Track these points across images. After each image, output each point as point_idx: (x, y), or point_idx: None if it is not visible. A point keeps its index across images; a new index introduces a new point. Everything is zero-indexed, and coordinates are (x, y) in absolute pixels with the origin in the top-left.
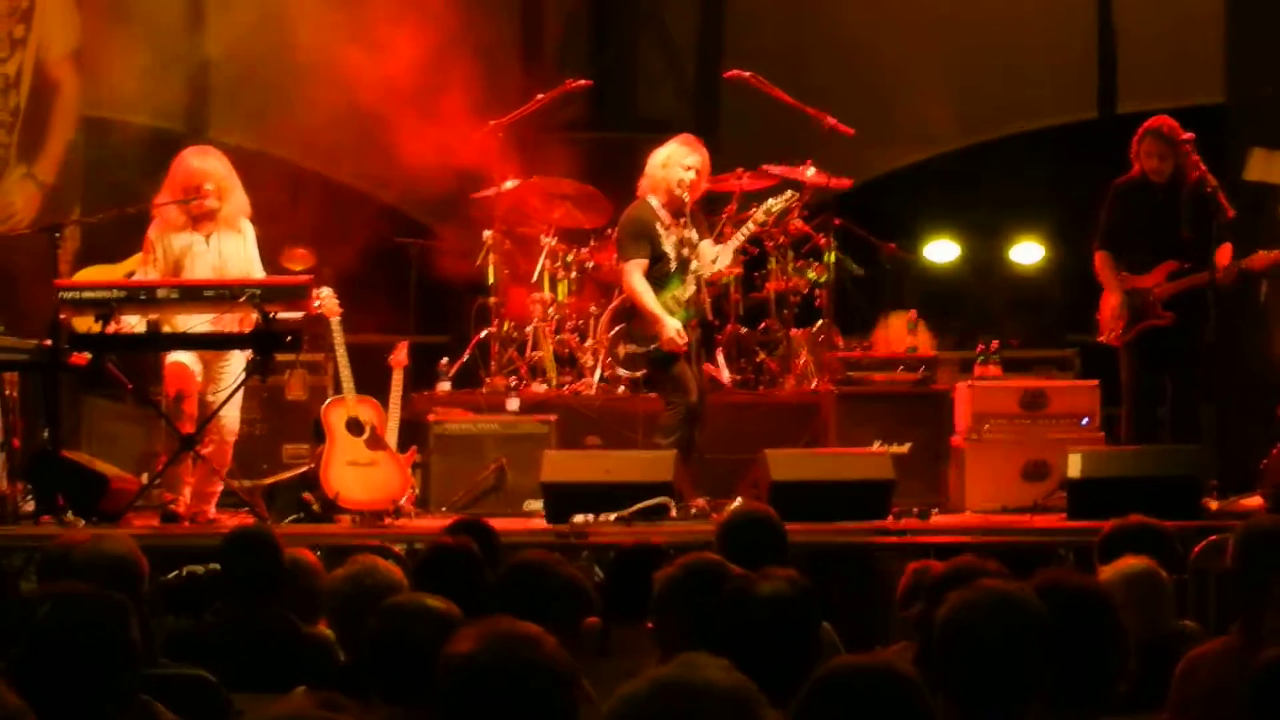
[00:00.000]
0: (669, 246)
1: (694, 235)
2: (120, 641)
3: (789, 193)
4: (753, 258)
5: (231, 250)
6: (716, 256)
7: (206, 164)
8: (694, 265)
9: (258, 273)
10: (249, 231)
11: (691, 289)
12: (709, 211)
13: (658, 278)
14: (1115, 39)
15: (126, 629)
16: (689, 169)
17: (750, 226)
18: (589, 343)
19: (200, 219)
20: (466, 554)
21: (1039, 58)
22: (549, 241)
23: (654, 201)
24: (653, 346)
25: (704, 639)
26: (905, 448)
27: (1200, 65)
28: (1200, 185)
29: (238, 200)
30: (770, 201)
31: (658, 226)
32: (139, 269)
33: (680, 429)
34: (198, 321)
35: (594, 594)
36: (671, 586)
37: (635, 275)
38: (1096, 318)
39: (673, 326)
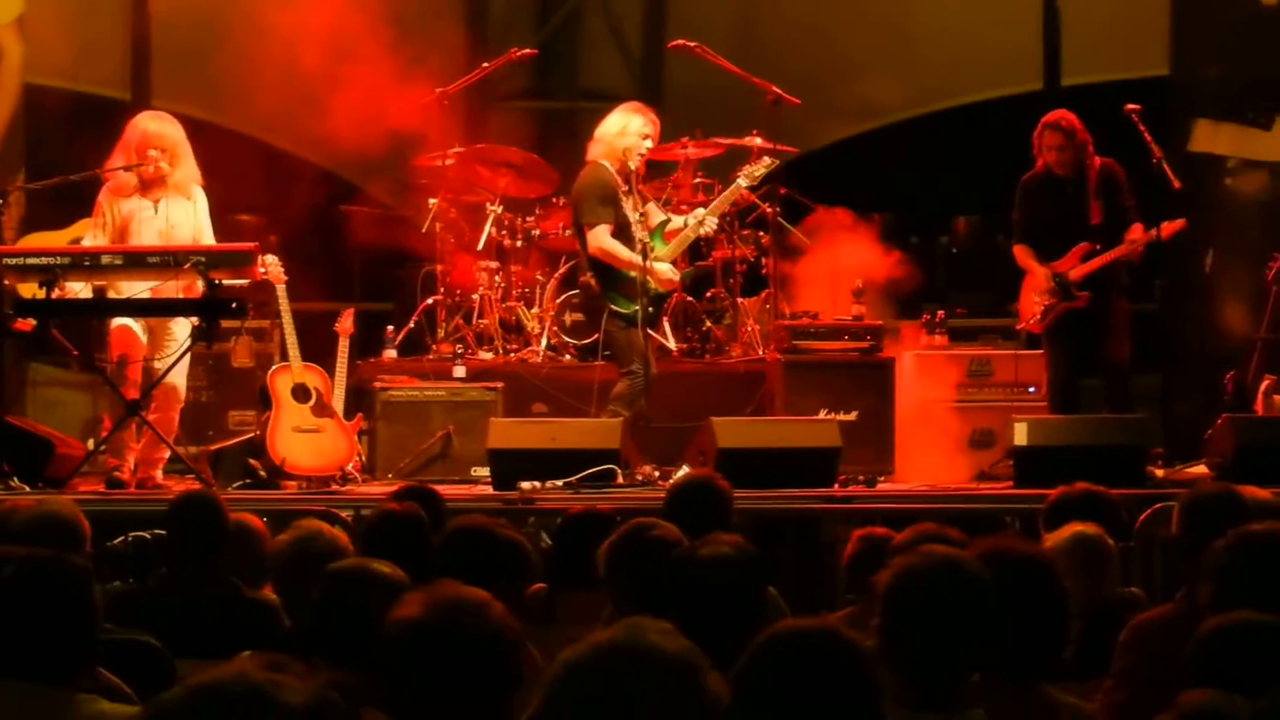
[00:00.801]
0: (629, 212)
1: (650, 205)
2: (84, 605)
3: (769, 159)
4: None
5: (180, 217)
6: (703, 218)
7: (159, 128)
8: (642, 234)
9: (208, 240)
10: (200, 199)
11: (669, 245)
12: (649, 180)
13: (623, 243)
14: (1059, 12)
15: (89, 593)
16: (645, 138)
17: (732, 192)
18: (535, 310)
19: (150, 184)
20: (413, 520)
21: (984, 29)
22: (495, 210)
23: (609, 167)
24: (635, 308)
25: (651, 604)
26: (852, 416)
27: (1145, 38)
28: (1105, 170)
29: (189, 167)
30: (750, 167)
31: (617, 191)
32: (88, 233)
33: (639, 398)
34: (142, 288)
35: (535, 557)
36: (617, 551)
37: (600, 235)
38: (1015, 307)
39: (662, 271)
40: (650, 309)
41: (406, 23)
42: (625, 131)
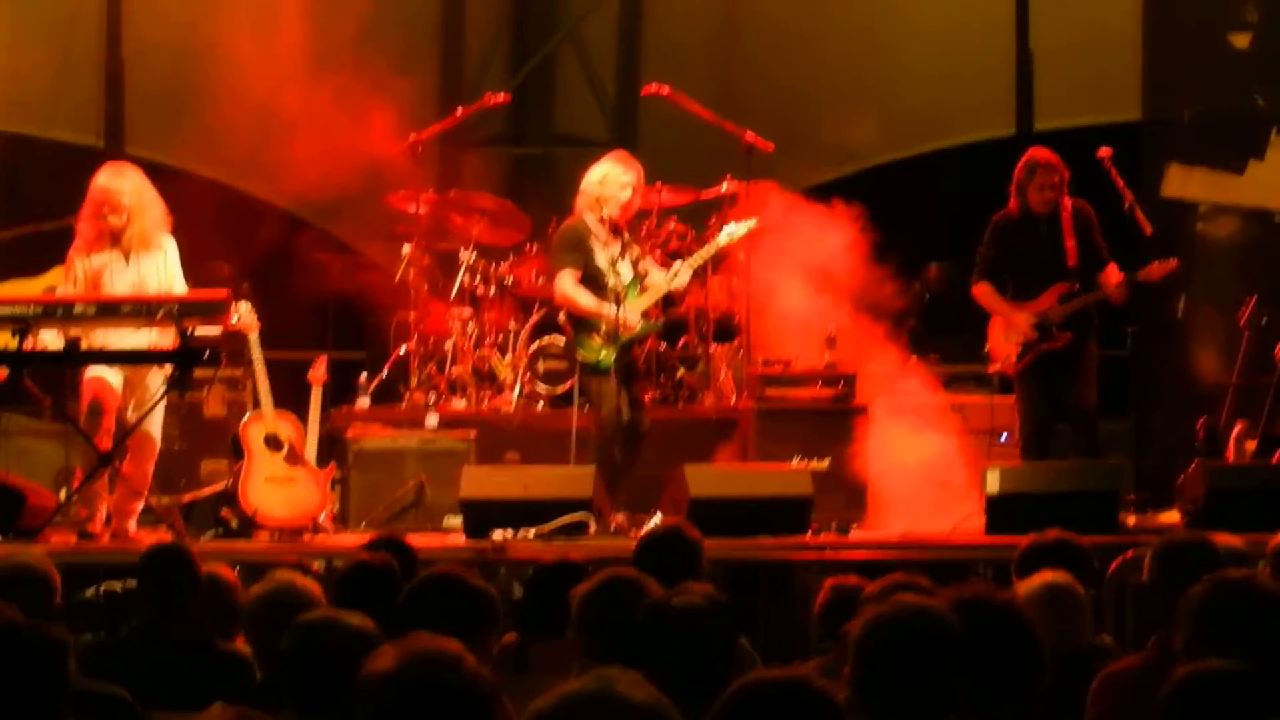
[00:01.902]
0: (602, 261)
1: (635, 252)
2: (56, 679)
3: (753, 220)
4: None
5: (150, 268)
6: (677, 271)
7: (113, 183)
8: (615, 282)
9: (179, 289)
10: (170, 248)
11: (623, 309)
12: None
13: (594, 291)
14: (1032, 57)
15: (64, 666)
16: (625, 187)
17: (712, 248)
18: (508, 358)
19: (118, 237)
20: (386, 570)
21: (958, 75)
22: (468, 257)
23: (589, 218)
24: (601, 356)
25: (622, 653)
26: (825, 463)
27: (1117, 83)
28: (1078, 210)
29: (153, 218)
30: (734, 225)
31: (591, 241)
32: (60, 287)
33: (602, 445)
34: (115, 337)
35: (502, 605)
36: (588, 601)
37: (566, 281)
38: (986, 350)
39: (623, 315)
40: (614, 358)
41: (380, 69)
42: (605, 181)
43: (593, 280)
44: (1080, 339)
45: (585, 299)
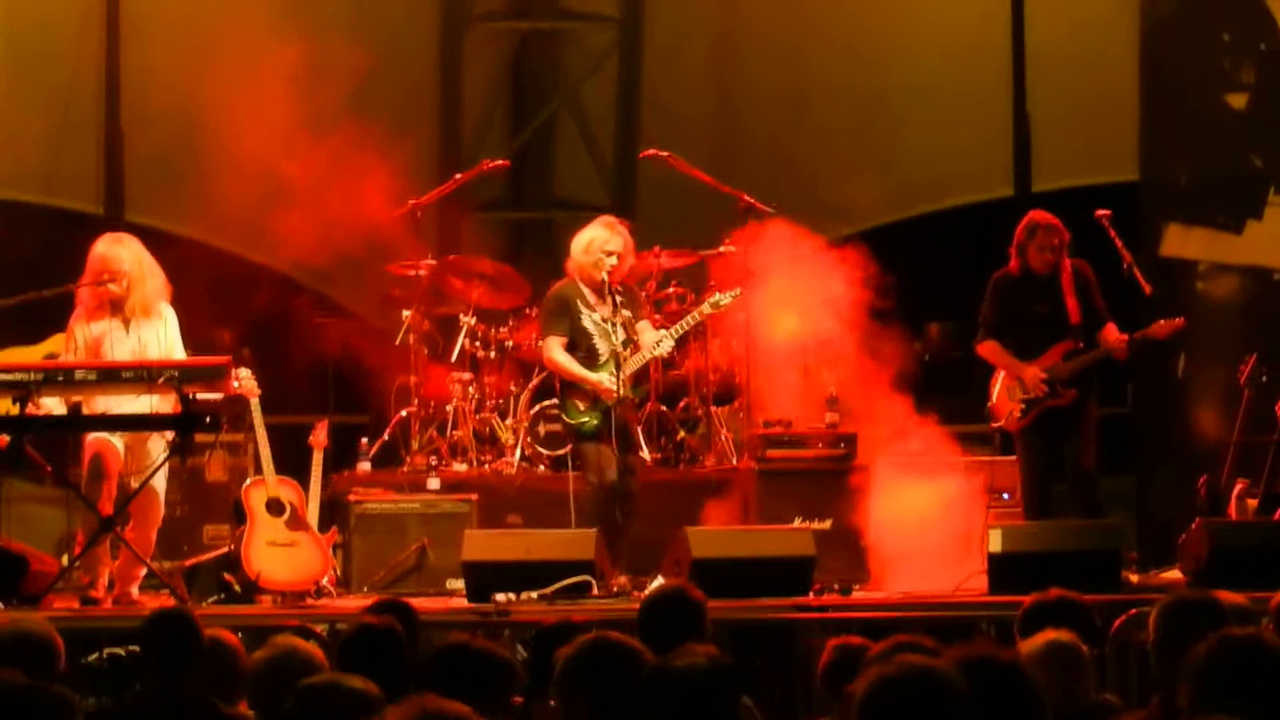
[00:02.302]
0: (589, 324)
1: (627, 314)
2: None
3: (736, 291)
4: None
5: (150, 337)
6: (660, 340)
7: (114, 251)
8: (608, 346)
9: (178, 356)
10: (169, 316)
11: (615, 369)
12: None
13: (581, 355)
14: (1030, 118)
15: None
16: (610, 254)
17: (695, 317)
18: (509, 421)
19: (117, 305)
20: (389, 633)
21: (956, 137)
22: (468, 321)
23: (578, 282)
24: (584, 420)
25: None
26: (826, 524)
27: (1114, 143)
28: (1077, 270)
29: (153, 286)
30: (719, 296)
31: (578, 304)
32: (62, 355)
33: (594, 509)
34: (116, 404)
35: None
36: (571, 666)
37: (554, 349)
38: (988, 408)
39: (602, 379)
40: (598, 423)
41: (379, 134)
42: (590, 248)
43: (578, 343)
44: (1082, 398)
45: (570, 365)
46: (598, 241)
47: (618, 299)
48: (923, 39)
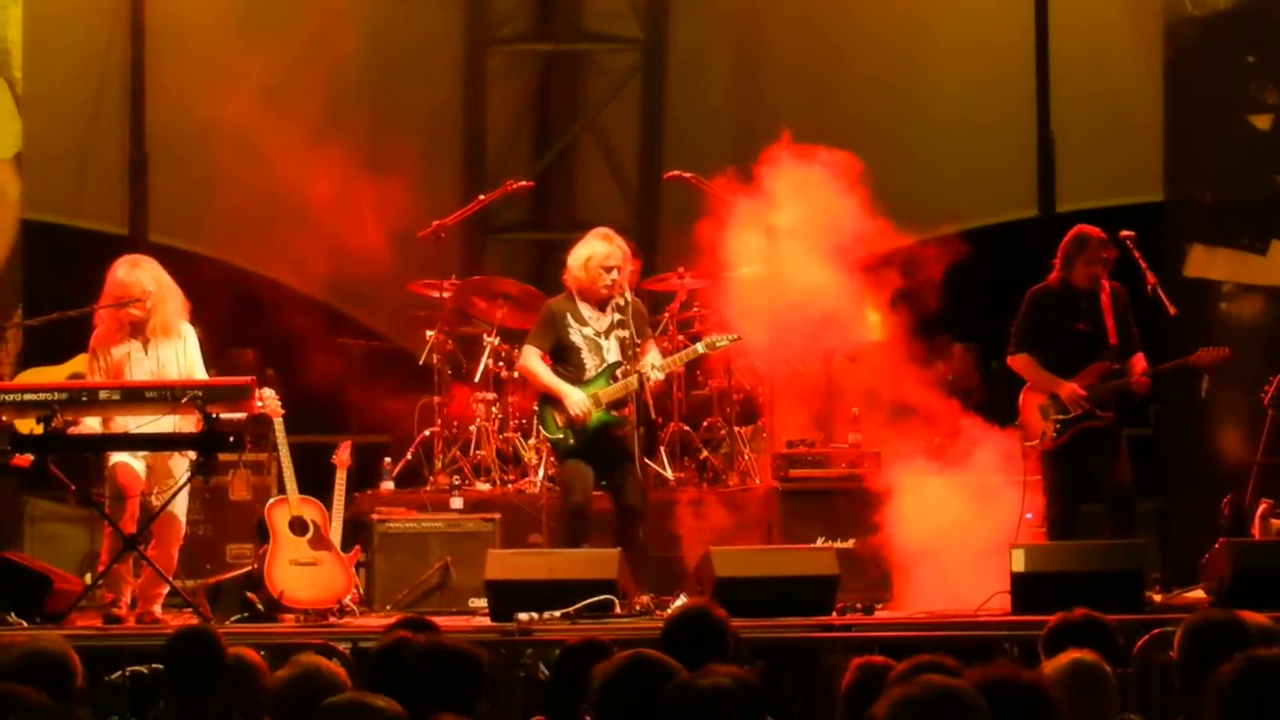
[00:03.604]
0: (578, 338)
1: (623, 334)
2: None
3: (734, 335)
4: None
5: (169, 357)
6: (648, 372)
7: (133, 275)
8: (596, 361)
9: (199, 375)
10: (190, 335)
11: (610, 386)
12: (653, 312)
13: (568, 369)
14: (1053, 139)
15: None
16: (610, 270)
17: (689, 355)
18: (532, 441)
19: (137, 328)
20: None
21: (981, 157)
22: (491, 341)
23: (574, 297)
24: (560, 436)
25: None
26: (849, 543)
27: (1138, 164)
28: (1115, 292)
29: (173, 307)
30: (715, 337)
31: (569, 318)
32: (87, 376)
33: (561, 527)
34: (138, 423)
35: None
36: (608, 681)
37: (528, 355)
38: (1021, 422)
39: (575, 398)
40: (574, 440)
41: (404, 156)
42: (588, 265)
43: (566, 357)
44: (1118, 421)
45: (544, 376)
46: (596, 257)
47: (615, 315)
48: (948, 60)
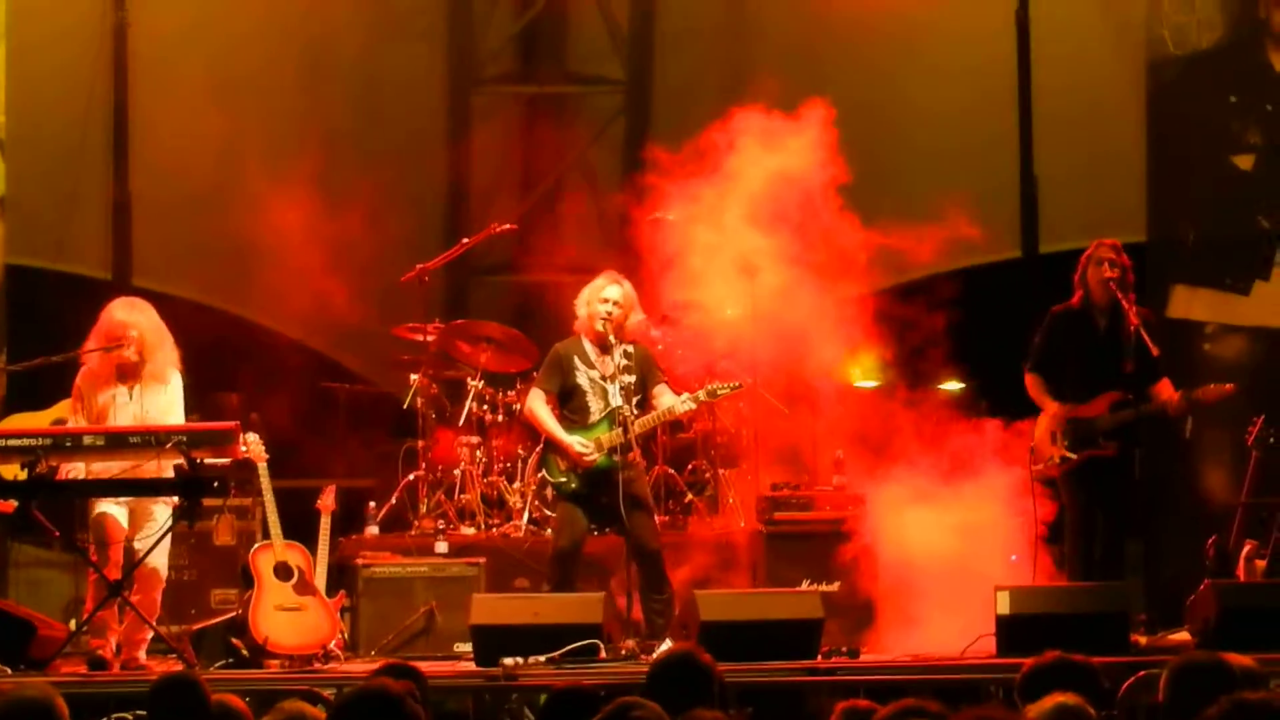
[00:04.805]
0: (584, 381)
1: (629, 379)
2: None
3: (737, 383)
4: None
5: (153, 403)
6: (645, 420)
7: (130, 317)
8: (601, 405)
9: (174, 422)
10: (176, 382)
11: (608, 429)
12: None
13: (573, 412)
14: (1036, 181)
15: None
16: (606, 301)
17: (688, 404)
18: (517, 485)
19: (126, 372)
20: (397, 696)
21: (962, 199)
22: (475, 384)
23: (582, 339)
24: (563, 480)
25: None
26: (834, 586)
27: (1121, 205)
28: (1142, 317)
29: (165, 354)
30: (715, 385)
31: (575, 360)
32: (69, 418)
33: (547, 569)
34: (119, 468)
35: None
36: None
37: (534, 399)
38: (1033, 446)
39: (574, 443)
40: (575, 486)
41: (388, 198)
42: (589, 300)
43: (572, 401)
44: (1127, 451)
45: (545, 420)
46: (595, 289)
47: (621, 360)
48: (930, 102)
